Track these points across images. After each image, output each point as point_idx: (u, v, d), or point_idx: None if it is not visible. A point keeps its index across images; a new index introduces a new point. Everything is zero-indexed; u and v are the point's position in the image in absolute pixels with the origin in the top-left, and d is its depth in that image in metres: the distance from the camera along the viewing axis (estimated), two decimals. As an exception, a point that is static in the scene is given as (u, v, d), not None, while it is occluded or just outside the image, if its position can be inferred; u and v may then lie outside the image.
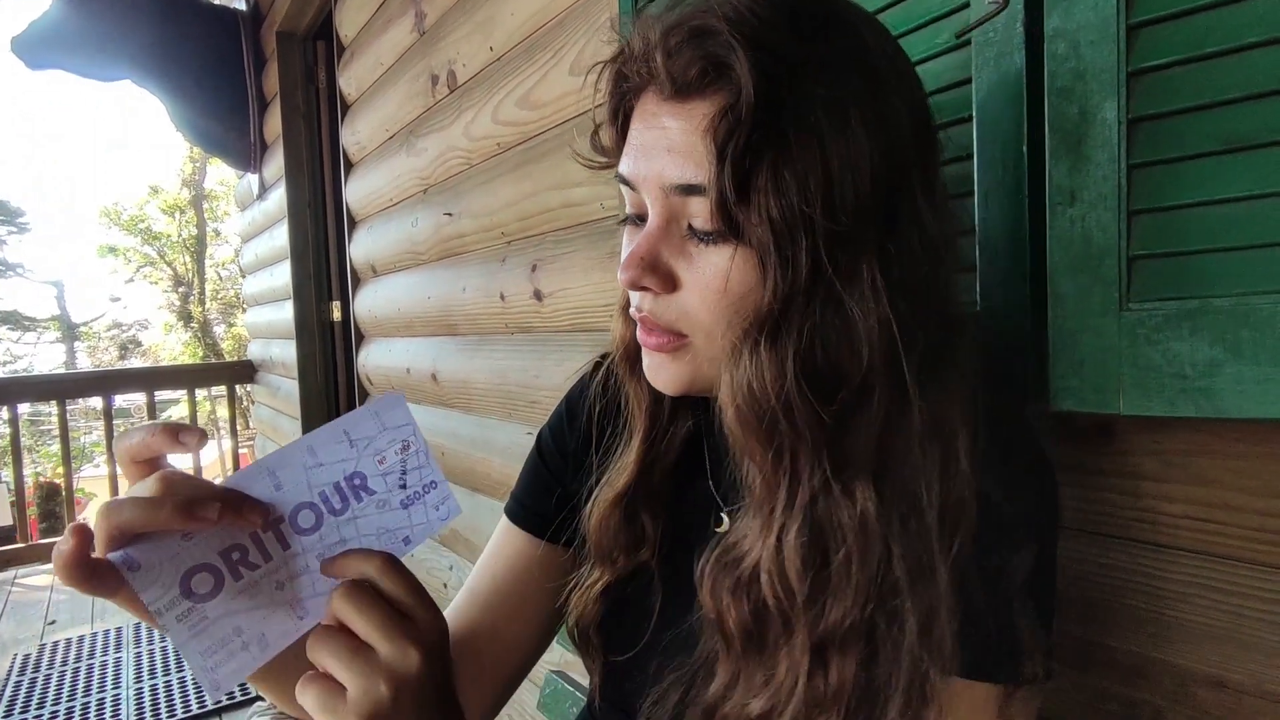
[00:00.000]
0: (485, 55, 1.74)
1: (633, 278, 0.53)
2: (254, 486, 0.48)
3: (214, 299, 16.49)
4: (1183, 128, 0.54)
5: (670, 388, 0.57)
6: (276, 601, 0.48)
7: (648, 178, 0.52)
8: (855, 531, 0.49)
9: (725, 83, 0.47)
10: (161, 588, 0.44)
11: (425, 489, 0.52)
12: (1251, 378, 0.51)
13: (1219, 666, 0.60)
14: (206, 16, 3.77)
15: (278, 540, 0.48)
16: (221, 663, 0.45)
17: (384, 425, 0.51)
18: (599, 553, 0.63)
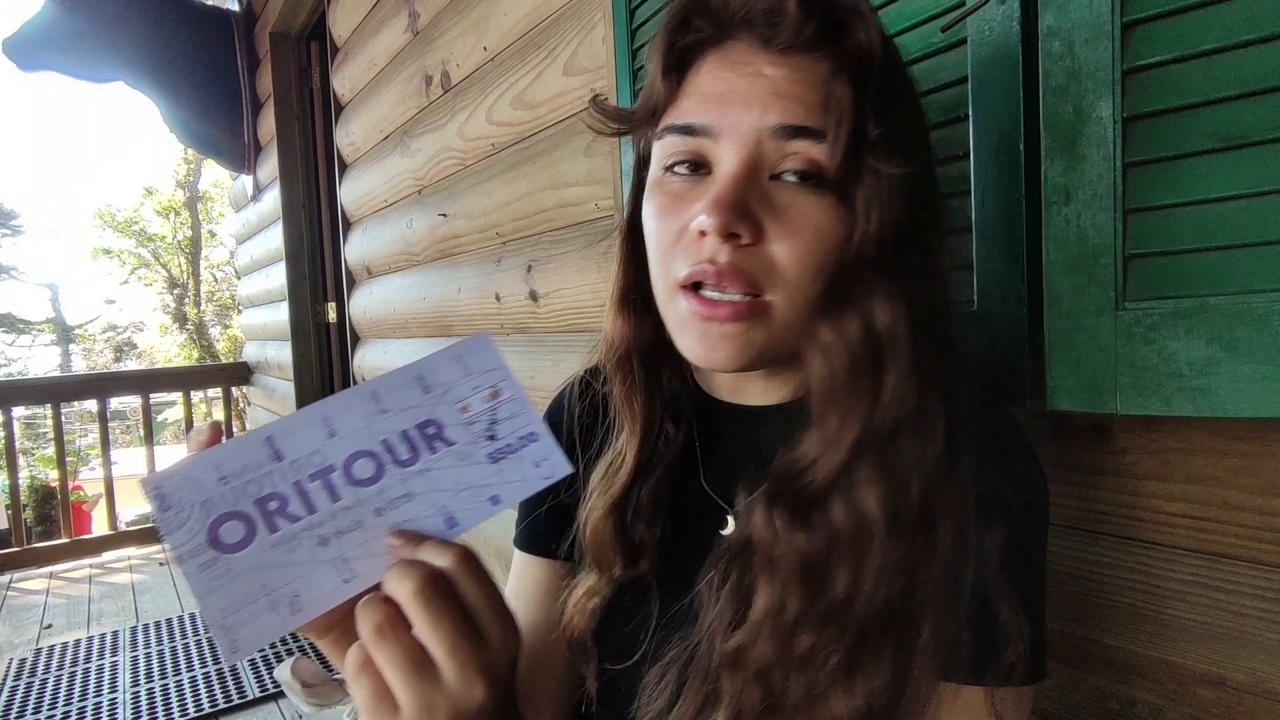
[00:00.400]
0: (479, 55, 1.73)
1: (726, 221, 0.49)
2: (302, 431, 0.42)
3: (209, 301, 16.45)
4: (1178, 126, 0.54)
5: (733, 362, 0.53)
6: (317, 559, 0.41)
7: (739, 123, 0.51)
8: (915, 471, 0.50)
9: (834, 44, 0.50)
10: (188, 532, 0.39)
11: (521, 441, 0.46)
12: (1248, 376, 0.51)
13: (1218, 665, 0.60)
14: (199, 17, 3.76)
15: (325, 490, 0.42)
16: (243, 622, 0.39)
17: (468, 370, 0.45)
18: (596, 559, 0.61)
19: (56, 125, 64.23)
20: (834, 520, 0.50)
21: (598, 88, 1.32)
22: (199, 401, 5.29)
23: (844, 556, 0.50)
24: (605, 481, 0.62)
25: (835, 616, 0.49)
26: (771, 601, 0.50)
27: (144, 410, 4.54)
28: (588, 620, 0.62)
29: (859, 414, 0.50)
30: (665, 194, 0.55)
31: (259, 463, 0.41)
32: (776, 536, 0.50)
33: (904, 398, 0.50)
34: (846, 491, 0.50)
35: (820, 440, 0.51)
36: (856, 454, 0.50)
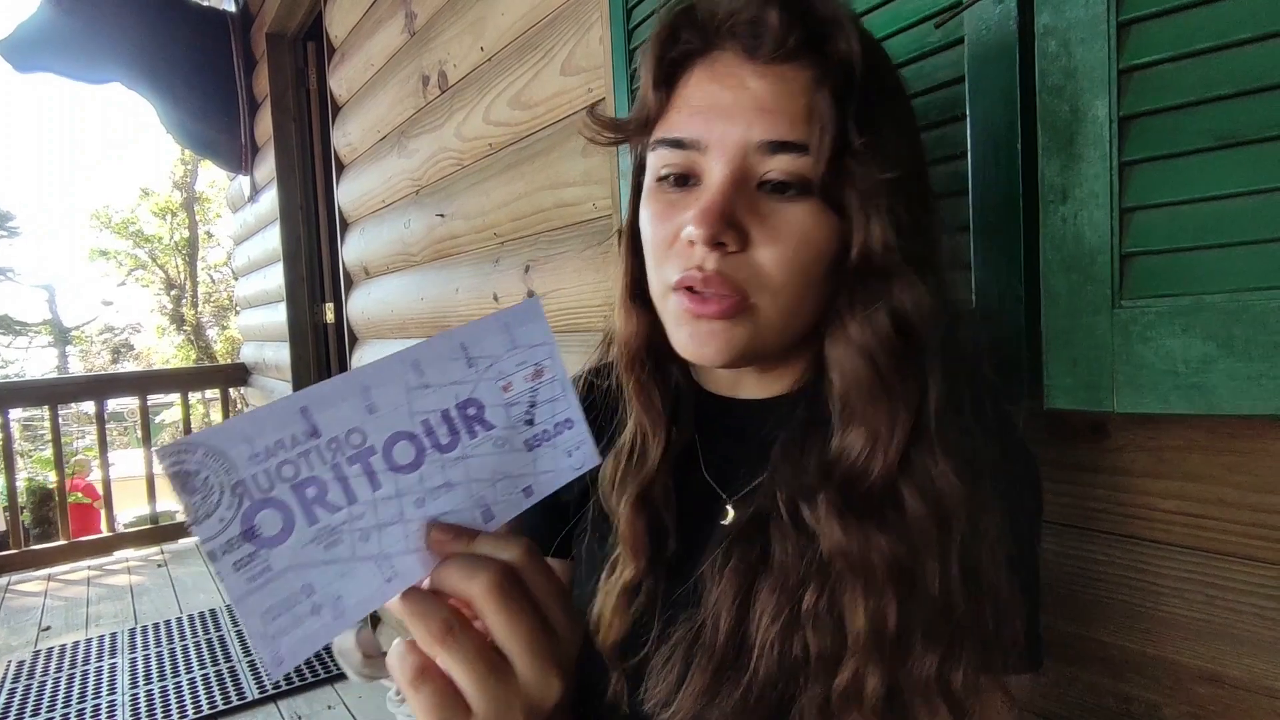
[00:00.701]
0: (476, 55, 1.73)
1: (714, 232, 0.51)
2: (341, 402, 0.37)
3: (207, 302, 16.43)
4: (1174, 125, 0.54)
5: (721, 357, 0.55)
6: (359, 555, 0.37)
7: (725, 137, 0.52)
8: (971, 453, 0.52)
9: (817, 54, 0.51)
10: (219, 521, 0.34)
11: (558, 428, 0.42)
12: (1244, 374, 0.51)
13: (1215, 662, 0.60)
14: (196, 18, 3.75)
15: (365, 477, 0.37)
16: (286, 629, 0.35)
17: (515, 342, 0.41)
18: (634, 553, 0.60)
19: (53, 126, 64.15)
20: (909, 511, 0.51)
21: (595, 88, 1.32)
22: (196, 403, 5.29)
23: (929, 547, 0.51)
24: (631, 474, 0.62)
25: (943, 624, 0.50)
26: (871, 616, 0.49)
27: (142, 412, 4.54)
28: (625, 625, 0.60)
29: (907, 405, 0.52)
30: (659, 202, 0.57)
31: (294, 438, 0.36)
32: (862, 544, 0.50)
33: (950, 383, 0.52)
34: (915, 481, 0.52)
35: (865, 436, 0.52)
36: (914, 437, 0.52)
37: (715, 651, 0.53)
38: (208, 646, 3.01)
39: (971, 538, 0.51)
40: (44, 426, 13.04)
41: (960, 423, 0.53)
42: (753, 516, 0.56)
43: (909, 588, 0.50)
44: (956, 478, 0.51)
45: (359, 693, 2.57)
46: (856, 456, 0.52)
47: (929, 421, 0.52)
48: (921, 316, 0.52)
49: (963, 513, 0.51)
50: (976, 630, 0.50)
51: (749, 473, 0.61)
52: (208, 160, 4.54)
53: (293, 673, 2.72)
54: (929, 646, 0.49)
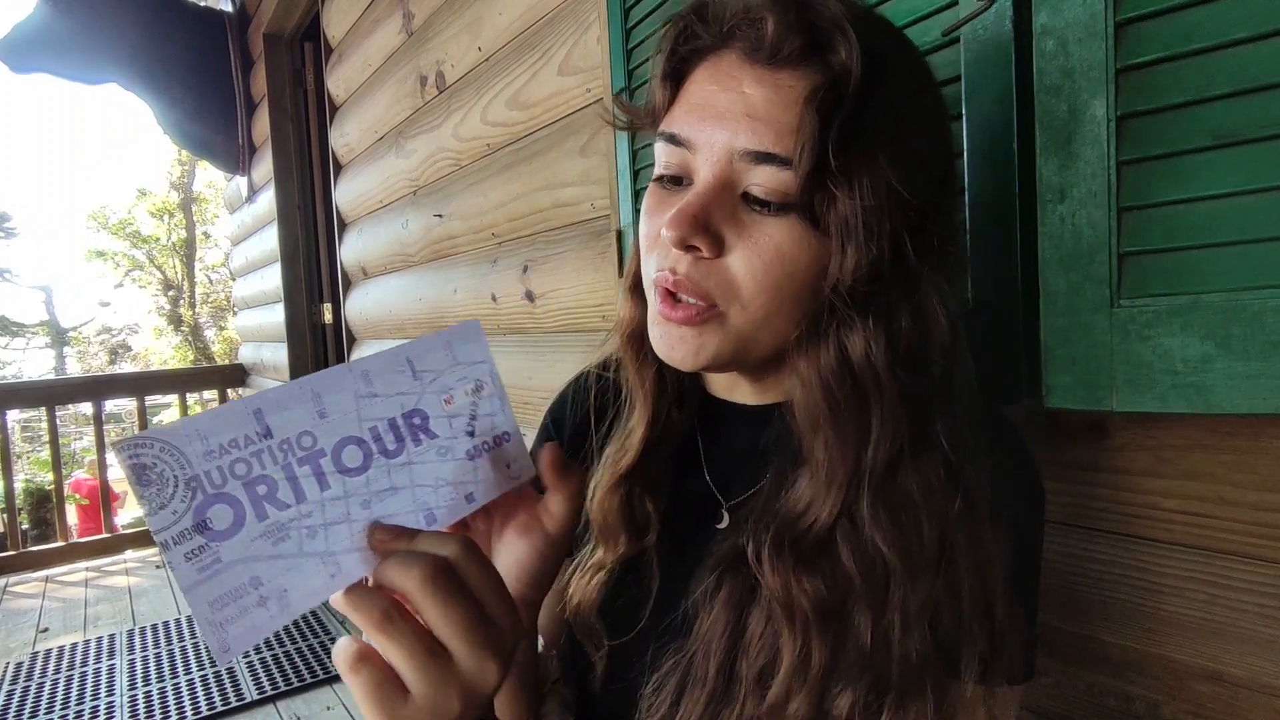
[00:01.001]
0: (474, 56, 1.73)
1: (683, 235, 0.50)
2: (293, 407, 0.39)
3: (204, 302, 16.41)
4: (1171, 124, 0.54)
5: (688, 362, 0.55)
6: (306, 552, 0.39)
7: (713, 141, 0.52)
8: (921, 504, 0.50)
9: (820, 61, 0.49)
10: (172, 513, 0.36)
11: (497, 441, 0.45)
12: (1242, 373, 0.51)
13: (1215, 661, 0.60)
14: (193, 18, 3.75)
15: (315, 477, 0.40)
16: (233, 618, 0.37)
17: (456, 359, 0.44)
18: (602, 533, 0.62)
19: (50, 127, 64.02)
20: (843, 564, 0.50)
21: (593, 88, 1.32)
22: (194, 404, 5.28)
23: (860, 601, 0.50)
24: (613, 457, 0.63)
25: (870, 667, 0.49)
26: (795, 653, 0.50)
27: (139, 413, 4.53)
28: (593, 597, 0.62)
29: (848, 453, 0.51)
30: (653, 197, 0.57)
31: (247, 438, 0.38)
32: (786, 586, 0.50)
33: (895, 434, 0.50)
34: (851, 533, 0.51)
35: (812, 481, 0.52)
36: (852, 494, 0.51)
37: (707, 683, 0.53)
38: (205, 648, 3.00)
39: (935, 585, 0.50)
40: (41, 427, 13.02)
41: (919, 472, 0.51)
42: (742, 548, 0.55)
43: (840, 632, 0.50)
44: (896, 533, 0.50)
45: (358, 693, 2.57)
46: (798, 502, 0.53)
47: (869, 472, 0.50)
48: (868, 362, 0.50)
49: (902, 569, 0.50)
50: (917, 680, 0.49)
51: (745, 479, 0.61)
52: (205, 161, 4.53)
53: (291, 673, 2.72)
54: (848, 688, 0.49)
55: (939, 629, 0.50)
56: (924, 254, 0.51)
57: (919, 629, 0.49)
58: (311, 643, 2.99)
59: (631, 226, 1.15)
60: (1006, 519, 0.52)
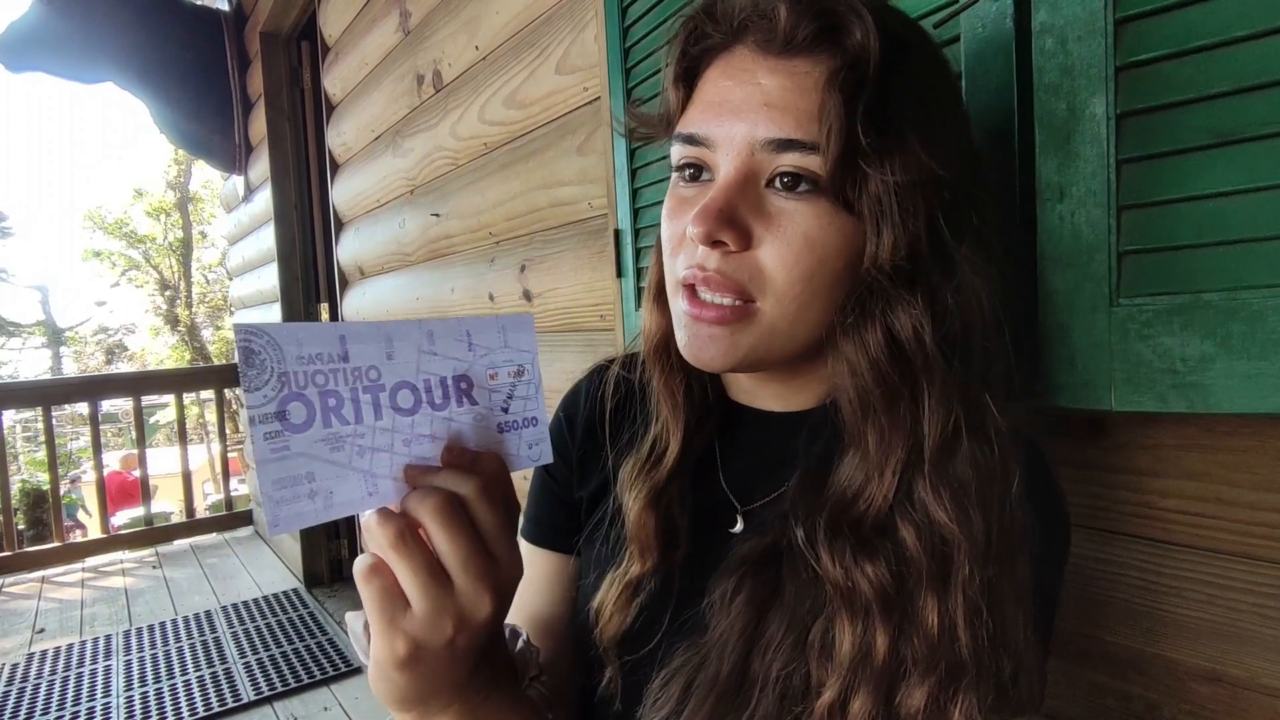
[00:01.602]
0: (471, 54, 1.73)
1: (709, 230, 0.50)
2: (369, 342, 0.45)
3: (201, 302, 16.38)
4: (1171, 122, 0.54)
5: (719, 362, 0.54)
6: (354, 466, 0.45)
7: (733, 135, 0.51)
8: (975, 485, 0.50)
9: (834, 45, 0.49)
10: (264, 396, 0.42)
11: (525, 422, 0.50)
12: (1241, 372, 0.51)
13: (1214, 660, 0.60)
14: (189, 17, 3.74)
15: (373, 406, 0.45)
16: (287, 500, 0.43)
17: (506, 342, 0.49)
18: (640, 547, 0.61)
19: (46, 127, 63.85)
20: (905, 545, 0.50)
21: (590, 86, 1.32)
22: (191, 404, 5.26)
23: (925, 585, 0.49)
24: (648, 470, 0.62)
25: (939, 656, 0.48)
26: (855, 641, 0.49)
27: (136, 413, 4.52)
28: (625, 620, 0.61)
29: (902, 433, 0.50)
30: (673, 198, 0.57)
31: (330, 356, 0.44)
32: (848, 571, 0.49)
33: (948, 412, 0.50)
34: (912, 513, 0.50)
35: (861, 463, 0.51)
36: (909, 474, 0.50)
37: (718, 683, 0.52)
38: (203, 649, 3.00)
39: (988, 572, 0.49)
40: (37, 428, 12.98)
41: (970, 452, 0.50)
42: (767, 547, 0.55)
43: (902, 619, 0.49)
44: (958, 510, 0.49)
45: (355, 694, 2.57)
46: (849, 486, 0.52)
47: (925, 452, 0.50)
48: (918, 341, 0.50)
49: (967, 547, 0.48)
50: (985, 669, 0.48)
51: (765, 485, 0.61)
52: (202, 160, 4.52)
53: (289, 674, 2.71)
54: (923, 679, 0.48)
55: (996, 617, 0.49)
56: (959, 232, 0.51)
57: (983, 612, 0.48)
58: (309, 643, 2.98)
59: (630, 226, 1.15)
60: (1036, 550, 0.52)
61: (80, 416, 11.84)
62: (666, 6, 1.01)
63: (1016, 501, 0.51)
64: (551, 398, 0.79)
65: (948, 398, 0.50)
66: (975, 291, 0.51)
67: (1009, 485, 0.51)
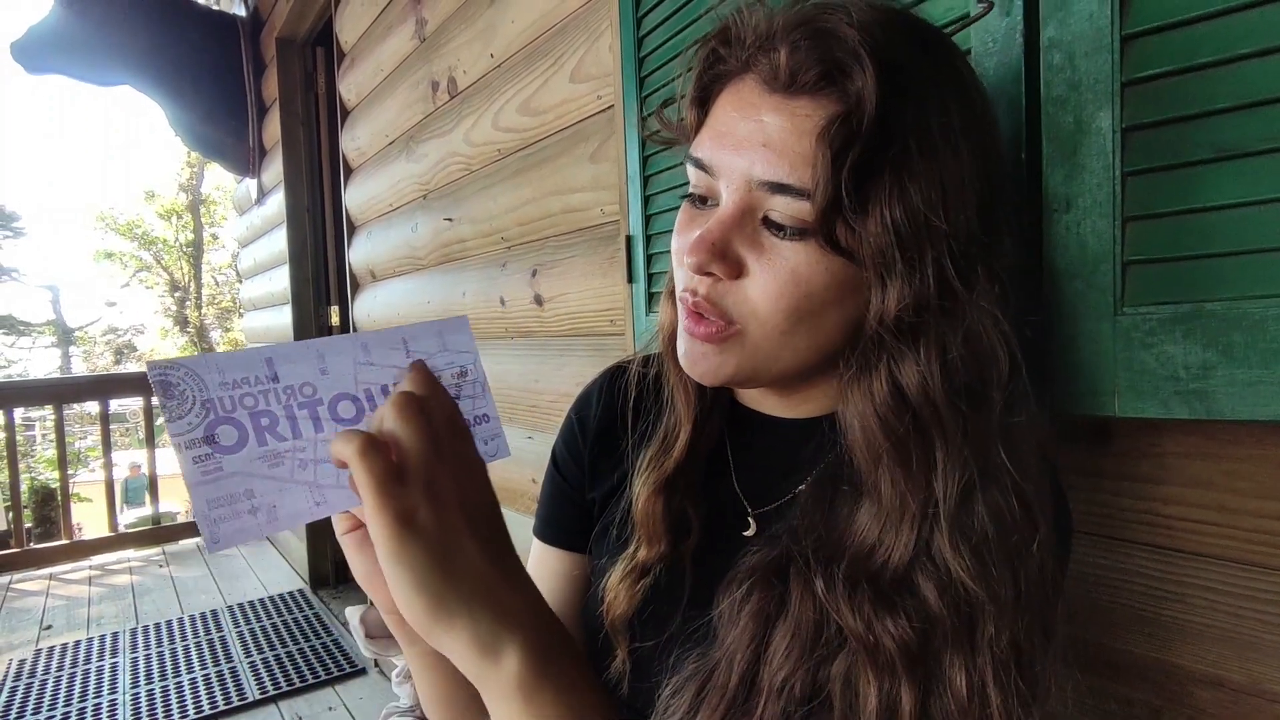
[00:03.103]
0: (486, 62, 1.75)
1: (700, 262, 0.52)
2: (300, 361, 0.46)
3: (211, 304, 16.47)
4: (1176, 137, 0.55)
5: (709, 378, 0.56)
6: (297, 479, 0.46)
7: (733, 169, 0.53)
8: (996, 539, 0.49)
9: (838, 88, 0.49)
10: (187, 424, 0.43)
11: (476, 421, 0.51)
12: (1244, 380, 0.52)
13: (1217, 666, 0.61)
14: (206, 22, 3.78)
15: (311, 420, 0.46)
16: (225, 518, 0.44)
17: (445, 345, 0.50)
18: (646, 534, 0.62)
19: (60, 128, 64.34)
20: (927, 602, 0.49)
21: (604, 95, 1.34)
22: (200, 404, 5.29)
23: (949, 643, 0.49)
24: (657, 458, 0.64)
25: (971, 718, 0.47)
26: (881, 698, 0.48)
27: (145, 413, 4.55)
28: (632, 602, 0.62)
29: (916, 486, 0.50)
30: (684, 214, 0.58)
31: (257, 379, 0.45)
32: (870, 626, 0.49)
33: (964, 466, 0.49)
34: (932, 569, 0.50)
35: (877, 515, 0.51)
36: (926, 530, 0.50)
37: (727, 692, 0.53)
38: (209, 647, 3.01)
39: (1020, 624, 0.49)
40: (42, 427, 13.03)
41: (991, 503, 0.50)
42: (775, 560, 0.55)
43: (928, 678, 0.49)
44: (979, 566, 0.48)
45: (359, 694, 2.58)
46: (866, 537, 0.52)
47: (942, 506, 0.49)
48: (925, 395, 0.50)
49: (991, 605, 0.48)
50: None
51: (776, 490, 0.62)
52: (215, 163, 4.56)
53: (294, 674, 2.72)
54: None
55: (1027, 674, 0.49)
56: (970, 282, 0.50)
57: (1013, 670, 0.48)
58: (314, 644, 2.99)
59: (641, 232, 1.17)
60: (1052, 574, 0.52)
61: (88, 416, 11.90)
62: (681, 17, 1.03)
63: (1045, 548, 0.50)
64: (562, 402, 0.80)
65: (960, 450, 0.49)
66: (987, 337, 0.50)
67: (1034, 533, 0.50)
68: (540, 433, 1.63)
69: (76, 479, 10.39)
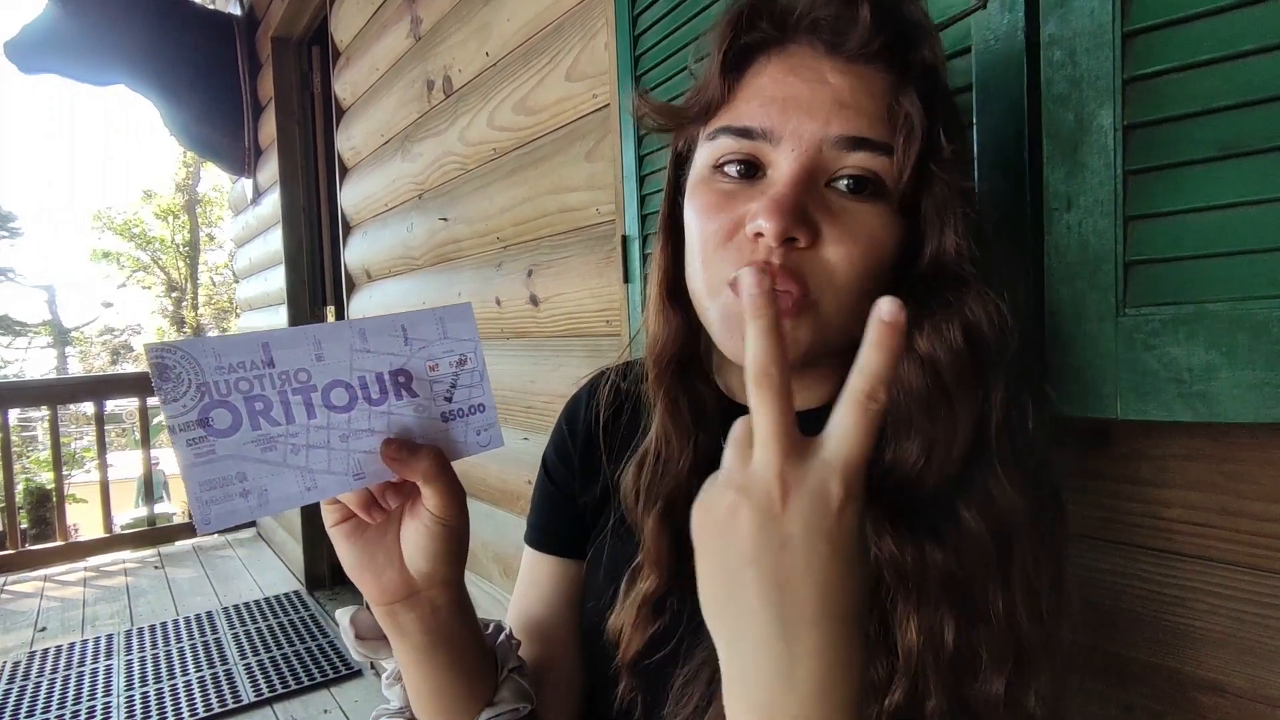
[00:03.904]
0: (481, 61, 1.74)
1: (786, 226, 0.48)
2: (295, 347, 0.46)
3: (207, 304, 16.45)
4: (1178, 134, 0.54)
5: None
6: (289, 464, 0.46)
7: (801, 131, 0.51)
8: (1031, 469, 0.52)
9: (900, 58, 0.52)
10: (182, 406, 0.44)
11: (471, 409, 0.51)
12: (1247, 382, 0.51)
13: (1217, 671, 0.60)
14: (201, 21, 3.77)
15: (304, 406, 0.46)
16: (217, 500, 0.44)
17: (445, 333, 0.50)
18: (654, 564, 0.60)
19: (56, 127, 64.27)
20: (967, 527, 0.49)
21: (600, 94, 1.33)
22: (196, 405, 5.28)
23: (990, 569, 0.49)
24: (655, 483, 0.61)
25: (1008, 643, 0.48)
26: (925, 632, 0.47)
27: (141, 413, 4.53)
28: (645, 635, 0.60)
29: (966, 415, 0.50)
30: (713, 192, 0.54)
31: (253, 364, 0.45)
32: (917, 555, 0.48)
33: (1006, 394, 0.51)
34: (975, 496, 0.50)
35: (922, 445, 0.50)
36: (972, 454, 0.50)
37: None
38: (204, 649, 3.00)
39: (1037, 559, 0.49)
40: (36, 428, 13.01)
41: (1020, 439, 0.52)
42: None
43: (967, 606, 0.48)
44: (1018, 491, 0.49)
45: (355, 697, 2.56)
46: (911, 466, 0.50)
47: (990, 435, 0.50)
48: (994, 329, 0.51)
49: (1026, 531, 0.49)
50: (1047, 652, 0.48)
51: None
52: (211, 163, 4.55)
53: (289, 676, 2.71)
54: (996, 667, 0.47)
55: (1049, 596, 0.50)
56: (986, 240, 0.54)
57: (1040, 595, 0.49)
58: (310, 646, 2.98)
59: (637, 232, 1.16)
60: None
61: (84, 416, 11.87)
62: (677, 16, 1.02)
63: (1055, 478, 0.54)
64: (558, 403, 0.79)
65: (1007, 381, 0.51)
66: (1012, 287, 0.54)
67: (1048, 464, 0.53)
68: (536, 434, 1.62)
69: (72, 480, 10.37)
